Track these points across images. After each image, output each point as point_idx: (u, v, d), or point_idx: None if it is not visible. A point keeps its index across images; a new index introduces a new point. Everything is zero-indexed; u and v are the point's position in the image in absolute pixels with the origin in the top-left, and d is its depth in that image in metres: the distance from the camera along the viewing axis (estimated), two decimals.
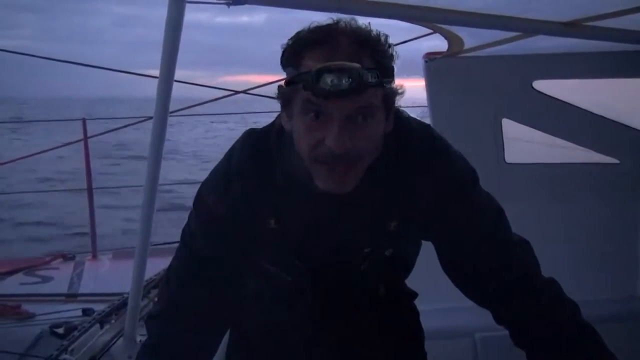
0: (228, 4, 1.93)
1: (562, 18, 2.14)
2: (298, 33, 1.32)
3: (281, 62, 1.35)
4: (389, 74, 1.32)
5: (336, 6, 1.79)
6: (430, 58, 3.22)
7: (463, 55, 3.17)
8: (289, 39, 1.33)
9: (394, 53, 1.34)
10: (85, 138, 5.97)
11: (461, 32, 2.73)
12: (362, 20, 1.35)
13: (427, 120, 3.13)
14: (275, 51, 1.35)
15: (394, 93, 1.35)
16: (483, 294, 1.56)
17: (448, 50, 3.13)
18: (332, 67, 1.22)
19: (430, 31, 2.95)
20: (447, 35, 2.87)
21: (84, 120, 6.01)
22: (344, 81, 1.22)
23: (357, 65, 1.23)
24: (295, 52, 1.31)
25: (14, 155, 7.66)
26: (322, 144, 1.28)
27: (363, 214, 1.45)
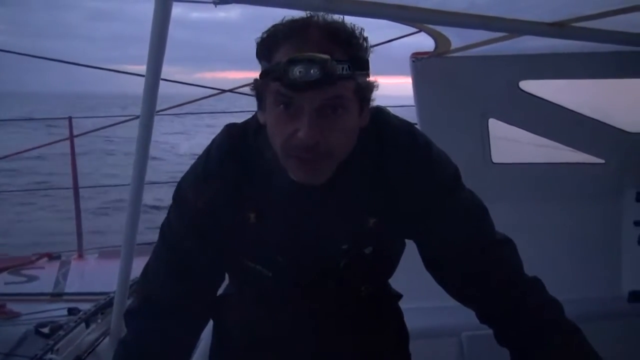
0: (215, 3, 1.93)
1: (548, 19, 2.15)
2: (272, 27, 1.32)
3: (256, 56, 1.35)
4: (362, 67, 1.31)
5: (324, 6, 1.79)
6: (418, 58, 3.23)
7: (450, 55, 3.18)
8: (263, 33, 1.33)
9: (368, 46, 1.34)
10: (71, 137, 5.94)
11: (448, 32, 2.74)
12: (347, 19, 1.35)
13: (414, 120, 3.15)
14: (251, 47, 1.36)
15: (367, 86, 1.34)
16: (466, 293, 1.55)
17: (435, 50, 3.14)
18: (300, 58, 1.22)
19: (417, 30, 2.96)
20: (434, 35, 2.88)
21: (69, 119, 5.98)
22: (312, 72, 1.21)
23: (325, 56, 1.23)
24: (268, 45, 1.31)
25: None
26: (294, 137, 1.28)
27: (342, 209, 1.45)
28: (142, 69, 2.34)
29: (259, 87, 1.34)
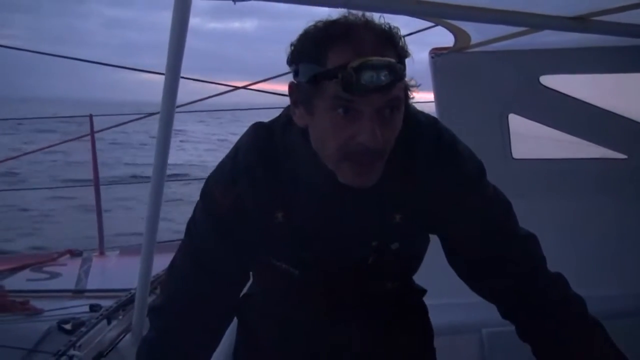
0: (234, 0, 1.93)
1: (569, 13, 2.13)
2: (310, 29, 1.32)
3: (294, 58, 1.34)
4: (406, 67, 1.32)
5: (343, 1, 1.78)
6: (437, 53, 3.22)
7: (470, 50, 3.16)
8: (301, 35, 1.33)
9: (406, 45, 1.35)
10: (92, 133, 5.98)
11: (468, 27, 2.73)
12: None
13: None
14: (267, 58, 1.35)
15: (412, 85, 1.36)
16: (489, 288, 1.56)
17: (455, 45, 3.12)
18: (372, 63, 1.22)
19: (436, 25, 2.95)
20: (453, 30, 2.86)
21: (90, 116, 6.02)
22: (382, 77, 1.22)
23: (392, 60, 1.24)
24: (317, 47, 1.29)
25: None
26: (353, 140, 1.27)
27: (369, 206, 1.45)
28: (156, 77, 2.36)
29: (306, 90, 1.31)
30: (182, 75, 2.39)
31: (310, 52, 1.30)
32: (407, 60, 1.34)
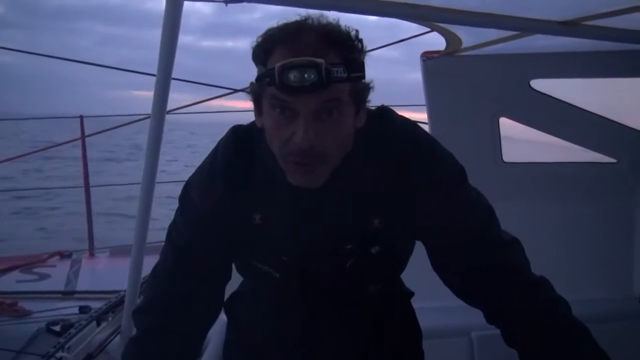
0: (226, 2, 1.93)
1: (560, 17, 2.14)
2: (267, 31, 1.33)
3: (252, 60, 1.35)
4: (358, 69, 1.30)
5: (333, 4, 1.79)
6: (428, 57, 3.23)
7: (461, 54, 3.17)
8: (258, 37, 1.34)
9: (364, 48, 1.34)
10: (83, 136, 5.96)
11: (459, 30, 2.73)
12: (334, 16, 1.35)
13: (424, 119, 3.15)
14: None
15: (363, 88, 1.35)
16: (473, 293, 1.54)
17: (446, 49, 3.13)
18: (295, 63, 1.23)
19: (429, 29, 2.95)
20: (445, 34, 2.87)
21: (81, 118, 6.00)
22: (306, 76, 1.22)
23: (320, 60, 1.23)
24: (263, 49, 1.31)
25: None
26: (291, 141, 1.29)
27: (343, 210, 1.45)
28: (149, 94, 2.39)
29: (255, 91, 1.35)
30: (170, 96, 2.40)
31: (259, 54, 1.33)
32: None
